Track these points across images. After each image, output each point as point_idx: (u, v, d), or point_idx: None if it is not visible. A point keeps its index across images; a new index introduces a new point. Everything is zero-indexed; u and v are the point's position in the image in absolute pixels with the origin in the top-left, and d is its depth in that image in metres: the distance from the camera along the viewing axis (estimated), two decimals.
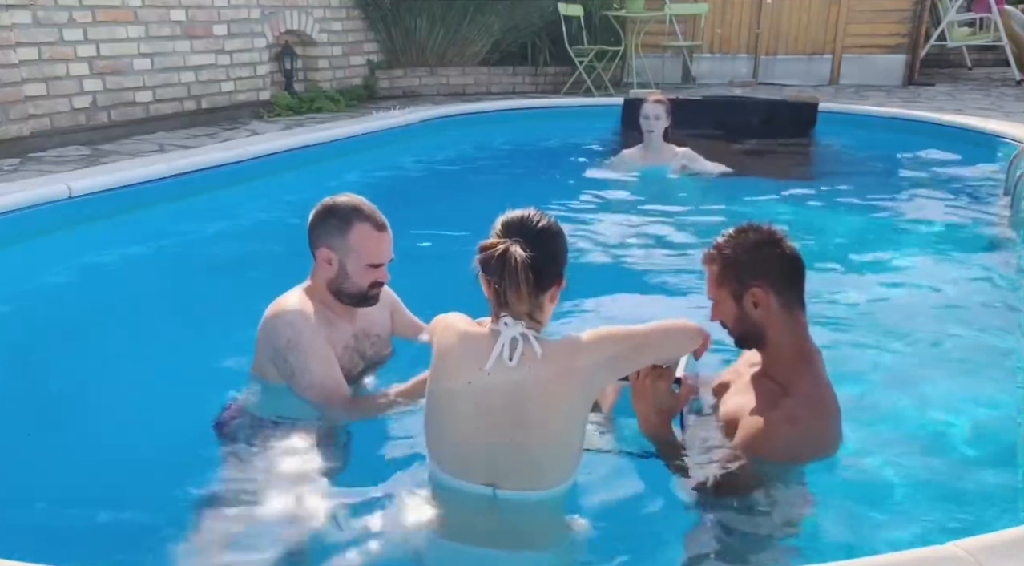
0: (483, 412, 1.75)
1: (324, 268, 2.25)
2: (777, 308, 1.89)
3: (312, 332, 2.17)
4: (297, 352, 2.15)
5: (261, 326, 2.24)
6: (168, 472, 2.12)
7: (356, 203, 2.27)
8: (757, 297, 1.88)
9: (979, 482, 2.19)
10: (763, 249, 1.90)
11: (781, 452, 1.82)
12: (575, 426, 1.79)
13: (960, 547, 1.40)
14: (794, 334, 1.91)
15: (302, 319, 2.18)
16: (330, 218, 2.24)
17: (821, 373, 1.91)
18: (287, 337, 2.16)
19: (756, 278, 1.88)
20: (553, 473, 1.79)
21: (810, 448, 1.84)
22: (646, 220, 4.64)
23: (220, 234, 4.50)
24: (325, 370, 2.18)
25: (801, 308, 1.92)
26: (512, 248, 1.71)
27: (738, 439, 1.87)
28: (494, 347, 1.74)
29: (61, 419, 2.47)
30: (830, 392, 1.89)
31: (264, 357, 2.23)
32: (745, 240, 1.92)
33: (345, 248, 2.23)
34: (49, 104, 5.77)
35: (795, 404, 1.82)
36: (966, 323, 3.23)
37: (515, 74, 9.58)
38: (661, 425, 1.96)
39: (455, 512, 1.82)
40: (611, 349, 1.79)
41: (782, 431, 1.80)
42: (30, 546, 1.63)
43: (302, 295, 2.26)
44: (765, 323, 1.90)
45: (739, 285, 1.90)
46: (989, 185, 5.40)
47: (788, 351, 1.90)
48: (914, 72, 10.14)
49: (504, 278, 1.71)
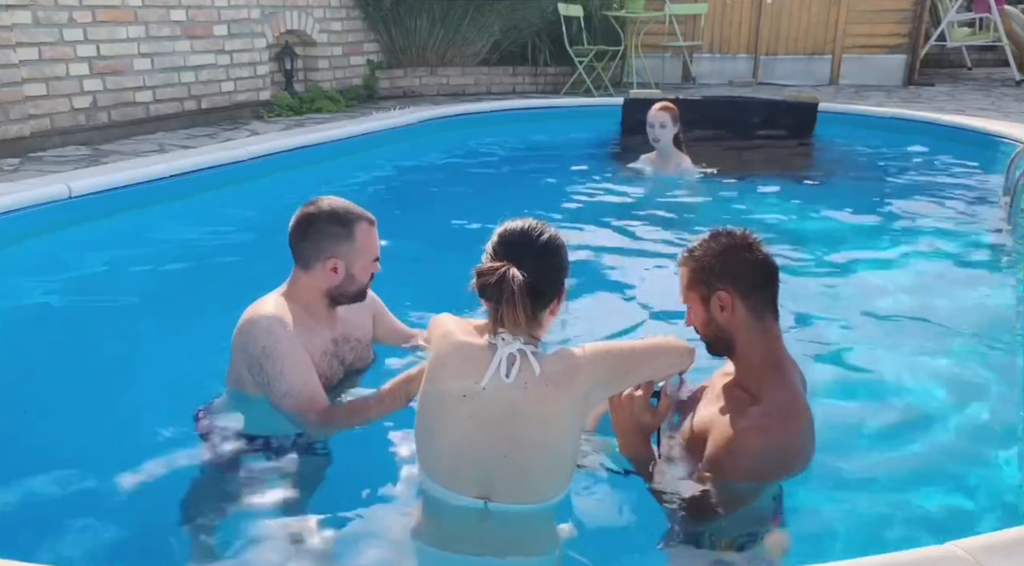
0: (478, 426, 1.73)
1: (327, 277, 2.19)
2: (743, 313, 1.88)
3: (289, 338, 2.09)
4: (273, 359, 2.07)
5: (237, 331, 2.15)
6: (155, 476, 2.11)
7: (346, 205, 2.23)
8: (723, 300, 1.88)
9: (979, 482, 2.20)
10: (733, 253, 1.90)
11: (751, 466, 1.78)
12: (569, 441, 1.77)
13: (960, 547, 1.41)
14: (764, 341, 1.89)
15: (279, 325, 2.10)
16: (330, 227, 2.18)
17: (793, 383, 1.88)
18: (263, 344, 2.08)
19: (722, 281, 1.89)
20: (547, 487, 1.77)
21: (780, 461, 1.81)
22: (646, 225, 4.62)
23: (220, 234, 4.49)
24: (302, 378, 2.10)
25: (771, 315, 1.91)
26: (510, 273, 1.67)
27: (708, 453, 1.84)
28: (491, 362, 1.71)
29: (61, 419, 2.46)
30: (802, 401, 1.86)
31: (239, 365, 2.16)
32: (716, 244, 1.92)
33: (352, 254, 2.19)
34: (49, 104, 5.77)
35: (763, 412, 1.80)
36: (965, 323, 3.24)
37: (515, 74, 9.58)
38: (640, 442, 1.95)
39: (446, 523, 1.80)
40: (608, 366, 1.77)
41: (751, 442, 1.77)
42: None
43: (279, 300, 2.18)
44: (732, 328, 1.90)
45: (706, 288, 1.91)
46: (989, 185, 5.41)
47: (758, 359, 1.89)
48: (914, 72, 10.14)
49: (502, 303, 1.67)
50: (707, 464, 1.84)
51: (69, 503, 2.05)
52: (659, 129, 5.25)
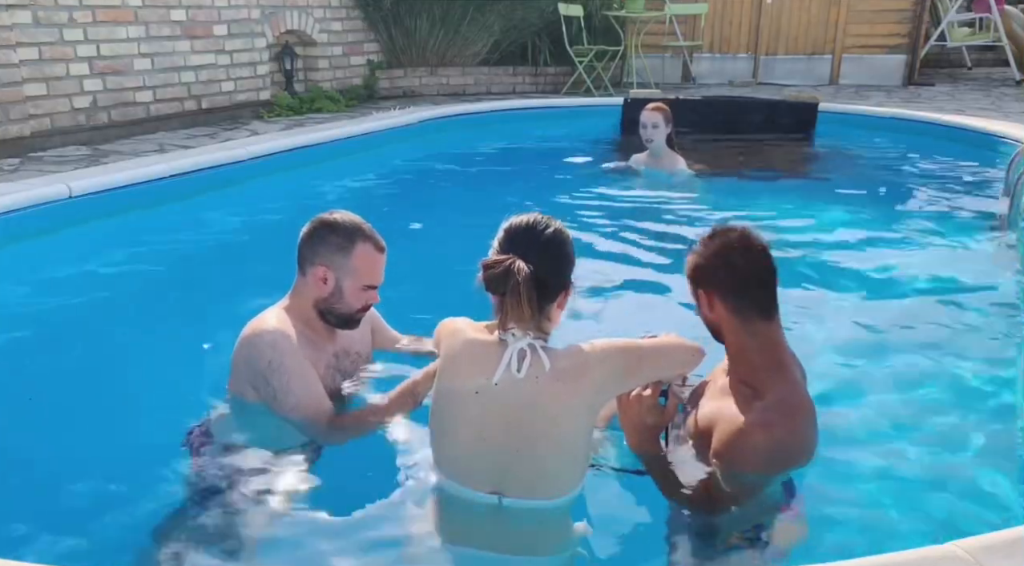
0: (490, 422, 1.74)
1: (317, 286, 2.17)
2: (725, 314, 1.91)
3: (294, 353, 2.09)
4: (280, 374, 2.07)
5: (239, 346, 2.14)
6: (156, 478, 2.11)
7: (357, 222, 2.19)
8: (701, 299, 1.95)
9: (979, 482, 2.20)
10: (722, 255, 1.92)
11: (757, 460, 1.80)
12: (581, 437, 1.77)
13: (960, 547, 1.40)
14: (755, 342, 1.90)
15: (284, 339, 2.09)
16: (331, 235, 2.16)
17: (794, 378, 1.90)
18: (268, 358, 2.07)
19: (704, 282, 1.94)
20: (559, 482, 1.77)
21: (784, 454, 1.82)
22: (643, 224, 4.62)
23: (220, 234, 4.50)
24: (309, 391, 2.10)
25: (761, 317, 1.91)
26: (516, 266, 1.67)
27: (714, 449, 1.86)
28: (502, 358, 1.72)
29: (59, 419, 2.46)
30: (804, 395, 1.89)
31: (242, 379, 2.15)
32: (710, 244, 1.95)
33: (345, 268, 2.15)
34: (49, 104, 5.77)
35: (767, 408, 1.82)
36: (965, 323, 3.24)
37: (515, 74, 9.58)
38: (648, 440, 1.95)
39: (460, 519, 1.81)
40: (619, 362, 1.77)
41: (756, 437, 1.79)
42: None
43: (281, 314, 2.17)
44: (718, 324, 1.95)
45: (693, 285, 1.97)
46: (989, 185, 5.41)
47: (753, 357, 1.91)
48: (914, 72, 10.14)
49: (509, 296, 1.68)
50: (714, 459, 1.86)
51: (68, 504, 2.05)
52: (651, 129, 5.29)
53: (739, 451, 1.81)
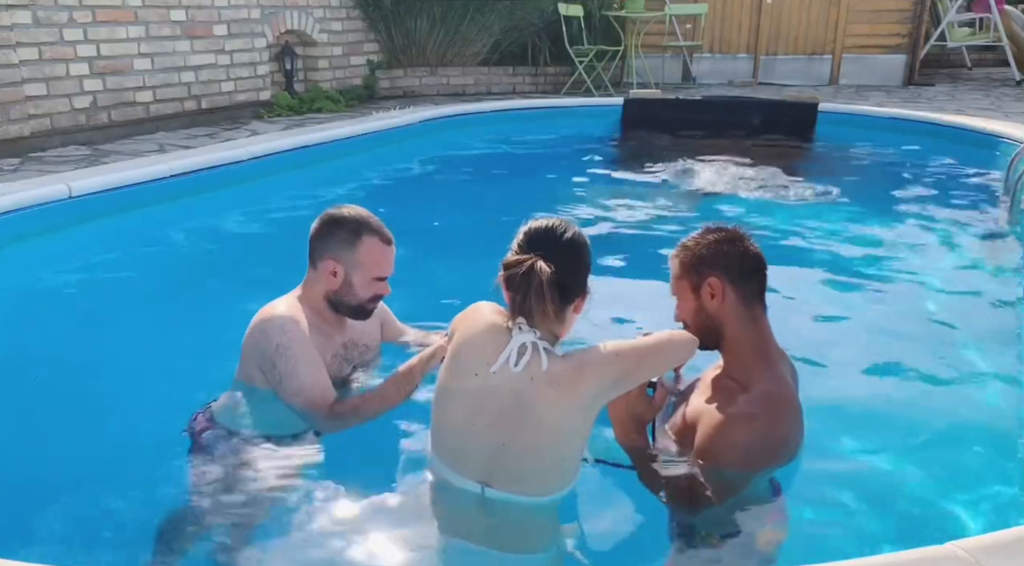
0: (481, 410, 1.75)
1: (327, 279, 2.22)
2: (733, 301, 1.93)
3: (303, 338, 2.14)
4: (287, 357, 2.11)
5: (250, 331, 2.19)
6: (154, 473, 2.12)
7: (364, 216, 2.24)
8: (714, 287, 1.93)
9: (979, 482, 2.20)
10: (723, 245, 1.96)
11: (736, 453, 1.80)
12: (569, 445, 1.76)
13: (960, 547, 1.40)
14: (753, 332, 1.93)
15: (293, 325, 2.14)
16: (338, 230, 2.21)
17: (780, 373, 1.91)
18: (277, 341, 2.12)
19: (713, 268, 1.94)
20: (544, 481, 1.77)
21: (767, 449, 1.82)
22: (643, 223, 4.63)
23: (220, 234, 4.50)
24: (314, 377, 2.14)
25: (760, 306, 1.96)
26: (537, 265, 1.69)
27: (697, 443, 1.87)
28: (505, 348, 1.73)
29: (61, 418, 2.47)
30: (789, 390, 1.90)
31: (251, 363, 2.19)
32: (707, 236, 1.98)
33: (353, 261, 2.20)
34: (49, 104, 5.78)
35: (750, 401, 1.83)
36: (965, 323, 3.24)
37: (515, 74, 9.58)
38: (635, 431, 1.96)
39: (447, 505, 1.82)
40: (617, 369, 1.75)
41: (738, 430, 1.80)
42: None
43: (293, 302, 2.23)
44: (722, 316, 1.94)
45: (697, 275, 1.96)
46: (989, 185, 5.41)
47: (747, 350, 1.93)
48: (914, 72, 10.14)
49: (529, 296, 1.69)
50: (697, 453, 1.86)
51: (68, 502, 2.05)
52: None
53: (720, 444, 1.81)
